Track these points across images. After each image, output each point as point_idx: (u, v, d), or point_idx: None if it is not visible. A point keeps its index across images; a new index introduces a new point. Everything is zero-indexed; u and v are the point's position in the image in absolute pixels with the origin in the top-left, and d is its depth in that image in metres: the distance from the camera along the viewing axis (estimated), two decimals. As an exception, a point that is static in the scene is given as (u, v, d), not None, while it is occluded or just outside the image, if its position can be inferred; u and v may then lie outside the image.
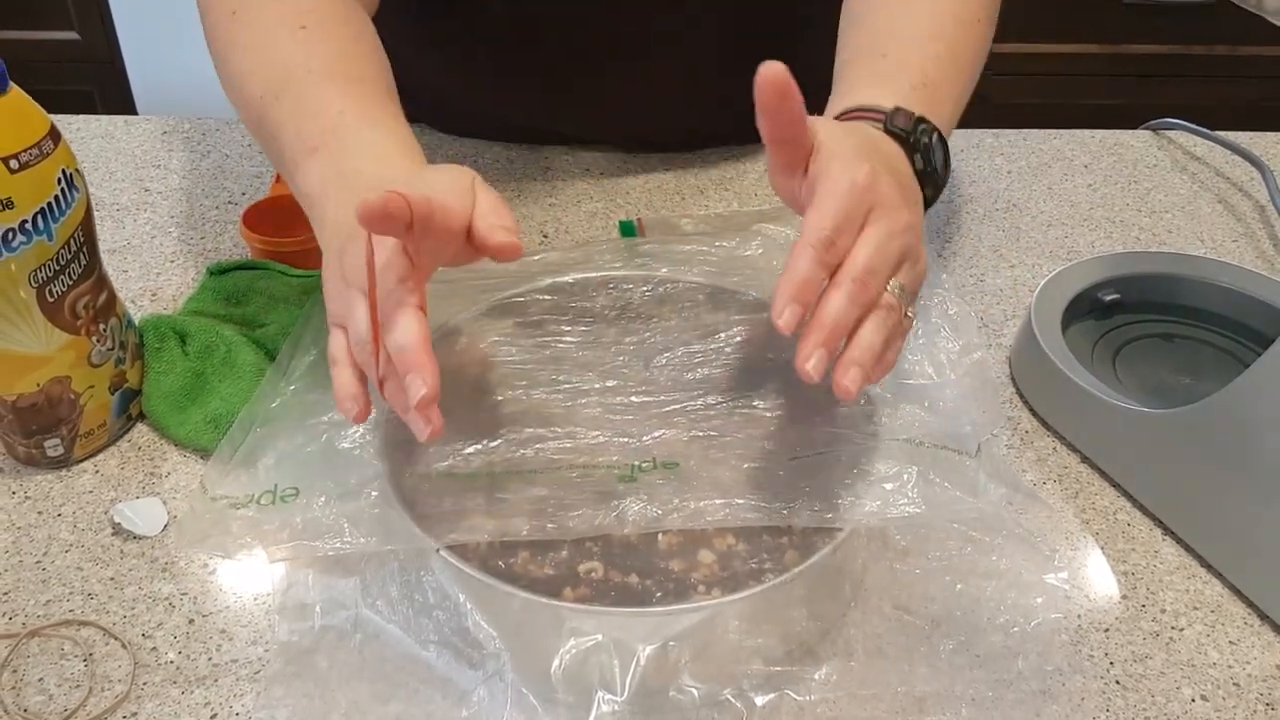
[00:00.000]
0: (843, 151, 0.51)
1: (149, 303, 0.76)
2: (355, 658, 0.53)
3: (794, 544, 0.52)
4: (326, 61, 0.61)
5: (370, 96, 0.60)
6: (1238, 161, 0.95)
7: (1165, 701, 0.53)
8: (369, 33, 0.66)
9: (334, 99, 0.59)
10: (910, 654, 0.55)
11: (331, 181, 0.56)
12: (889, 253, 0.50)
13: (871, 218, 0.50)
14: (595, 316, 0.65)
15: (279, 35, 0.62)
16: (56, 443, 0.62)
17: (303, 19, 0.62)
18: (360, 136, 0.57)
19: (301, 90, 0.60)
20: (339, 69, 0.61)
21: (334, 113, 0.58)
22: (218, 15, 0.65)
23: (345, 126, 0.57)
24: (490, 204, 0.51)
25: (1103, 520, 0.62)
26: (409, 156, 0.57)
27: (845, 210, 0.49)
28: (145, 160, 0.91)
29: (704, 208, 0.87)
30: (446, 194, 0.50)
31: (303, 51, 0.61)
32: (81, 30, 1.99)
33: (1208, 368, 0.70)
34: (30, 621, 0.55)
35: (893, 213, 0.51)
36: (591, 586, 0.50)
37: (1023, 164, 0.95)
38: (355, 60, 0.62)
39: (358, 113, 0.58)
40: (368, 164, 0.55)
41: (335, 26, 0.63)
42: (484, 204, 0.51)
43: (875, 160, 0.52)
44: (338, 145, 0.57)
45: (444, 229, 0.49)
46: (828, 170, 0.50)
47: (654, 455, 0.55)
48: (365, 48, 0.64)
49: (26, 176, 0.55)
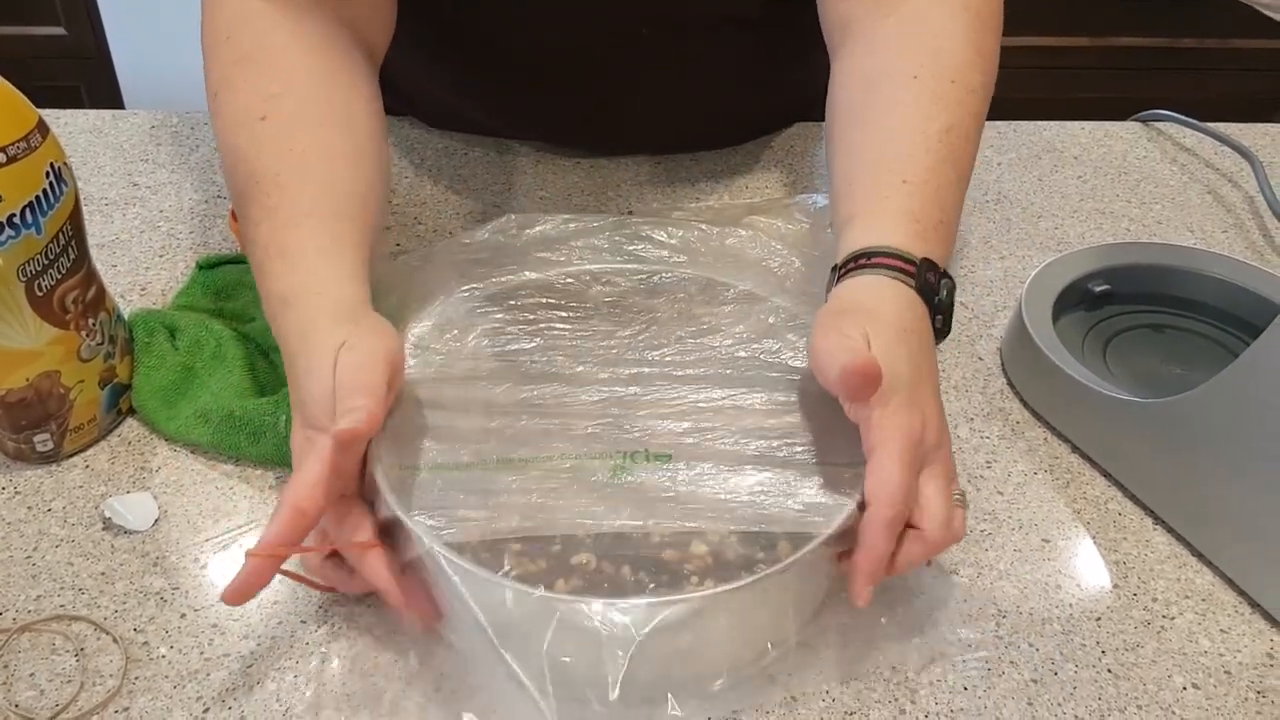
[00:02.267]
0: (896, 402, 0.51)
1: (138, 297, 0.76)
2: (348, 650, 0.53)
3: (786, 535, 0.52)
4: (271, 169, 0.59)
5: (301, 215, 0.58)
6: (1227, 152, 0.95)
7: (1157, 690, 0.53)
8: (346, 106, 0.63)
9: (265, 227, 0.58)
10: (903, 643, 0.55)
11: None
12: (946, 489, 0.52)
13: (926, 467, 0.51)
14: (587, 308, 0.64)
15: (237, 134, 0.60)
16: (46, 438, 0.62)
17: (266, 107, 0.60)
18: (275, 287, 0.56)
19: (246, 207, 0.59)
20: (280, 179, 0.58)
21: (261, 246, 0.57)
22: (207, 92, 0.63)
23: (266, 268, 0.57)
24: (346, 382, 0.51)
25: (1094, 510, 0.63)
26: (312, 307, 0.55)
27: (909, 476, 0.50)
28: (134, 154, 0.91)
29: (695, 201, 0.87)
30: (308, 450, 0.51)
31: (255, 155, 0.59)
32: (68, 25, 1.98)
33: (1198, 358, 0.70)
34: (21, 617, 0.55)
35: (939, 453, 0.52)
36: (584, 578, 0.50)
37: (1013, 156, 0.95)
38: (306, 160, 0.59)
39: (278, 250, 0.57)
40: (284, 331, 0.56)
41: (301, 112, 0.61)
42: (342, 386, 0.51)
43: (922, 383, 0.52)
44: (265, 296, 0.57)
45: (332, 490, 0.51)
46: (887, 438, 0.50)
47: (646, 448, 0.55)
48: (330, 134, 0.61)
49: (14, 170, 0.55)
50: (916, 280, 0.56)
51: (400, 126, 0.95)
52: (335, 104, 0.62)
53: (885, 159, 0.61)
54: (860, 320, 0.53)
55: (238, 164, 0.60)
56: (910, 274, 0.56)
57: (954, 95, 0.62)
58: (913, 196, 0.59)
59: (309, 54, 0.62)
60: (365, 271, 0.58)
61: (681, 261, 0.69)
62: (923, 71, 0.63)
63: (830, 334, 0.53)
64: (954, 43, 0.64)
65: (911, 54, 0.64)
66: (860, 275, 0.56)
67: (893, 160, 0.60)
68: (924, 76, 0.63)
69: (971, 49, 0.64)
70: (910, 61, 0.64)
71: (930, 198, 0.59)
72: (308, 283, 0.56)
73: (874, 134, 0.63)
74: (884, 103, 0.63)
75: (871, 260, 0.56)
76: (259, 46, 0.62)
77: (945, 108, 0.62)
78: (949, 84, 0.62)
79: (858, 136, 0.64)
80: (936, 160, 0.60)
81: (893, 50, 0.65)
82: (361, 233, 0.59)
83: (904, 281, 0.55)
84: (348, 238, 0.58)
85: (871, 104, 0.64)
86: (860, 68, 0.66)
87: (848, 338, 0.52)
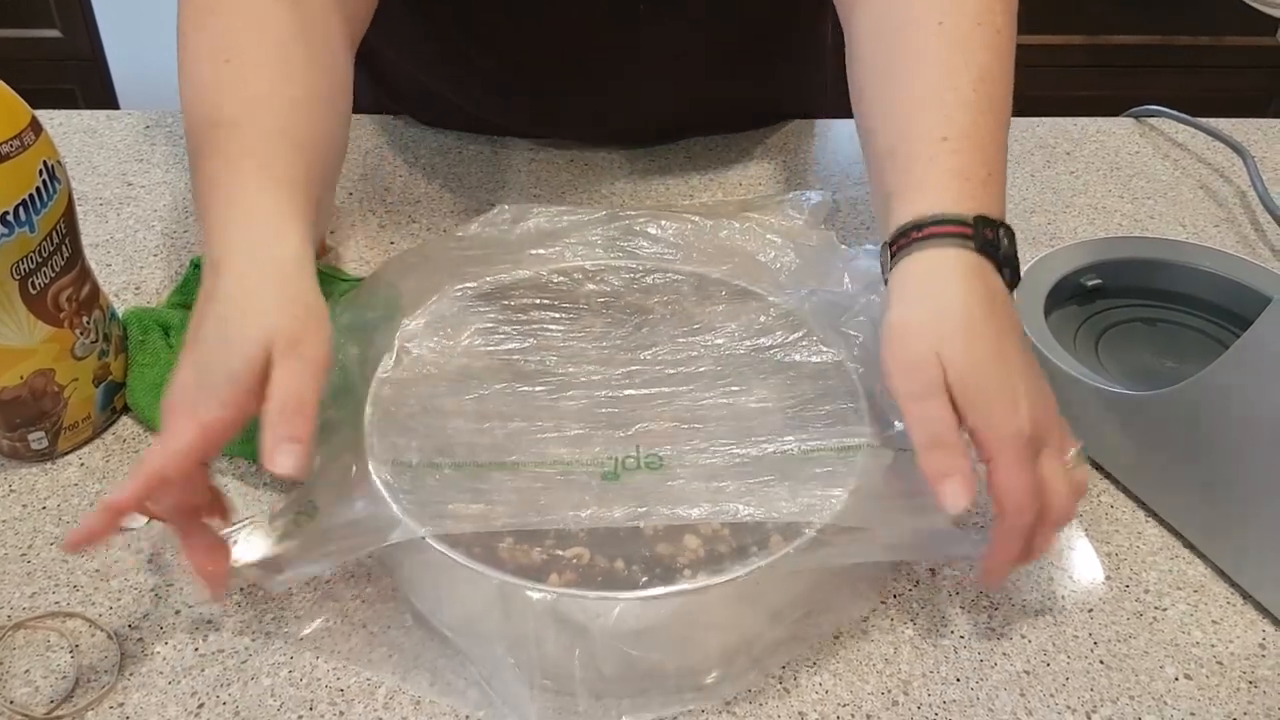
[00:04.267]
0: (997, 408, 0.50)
1: (133, 296, 0.76)
2: (343, 644, 0.53)
3: (779, 528, 0.52)
4: (231, 112, 0.57)
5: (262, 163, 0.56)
6: (1219, 147, 0.96)
7: (1149, 680, 0.54)
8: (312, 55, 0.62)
9: (218, 164, 0.56)
10: (894, 636, 0.55)
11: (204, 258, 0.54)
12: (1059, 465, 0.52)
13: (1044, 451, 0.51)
14: (580, 307, 0.65)
15: (201, 72, 0.59)
16: (41, 436, 0.62)
17: (230, 49, 0.59)
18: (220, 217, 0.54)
19: (199, 146, 0.57)
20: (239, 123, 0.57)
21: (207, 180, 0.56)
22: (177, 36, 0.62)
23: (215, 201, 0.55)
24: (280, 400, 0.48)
25: (1086, 502, 0.63)
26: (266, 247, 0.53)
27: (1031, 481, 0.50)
28: (128, 154, 0.91)
29: (689, 198, 0.87)
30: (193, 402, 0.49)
31: (215, 96, 0.58)
32: (63, 28, 1.98)
33: (1190, 351, 0.70)
34: (16, 614, 0.55)
35: (1051, 433, 0.52)
36: (577, 572, 0.50)
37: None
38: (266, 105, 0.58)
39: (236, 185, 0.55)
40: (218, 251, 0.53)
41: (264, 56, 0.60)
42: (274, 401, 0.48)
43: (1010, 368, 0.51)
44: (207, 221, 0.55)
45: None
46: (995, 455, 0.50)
47: (638, 446, 0.55)
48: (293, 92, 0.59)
49: (8, 168, 0.55)
50: (975, 240, 0.53)
51: (395, 124, 0.95)
52: (300, 55, 0.61)
53: (923, 119, 0.58)
54: (928, 336, 0.51)
55: (197, 102, 0.58)
56: (968, 235, 0.53)
57: (981, 39, 0.60)
58: (956, 154, 0.56)
59: (280, 5, 0.61)
60: (310, 226, 0.56)
61: (675, 257, 0.69)
62: (946, 18, 0.60)
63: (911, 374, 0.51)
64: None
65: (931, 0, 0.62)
66: (915, 252, 0.54)
67: (930, 120, 0.58)
68: (948, 23, 0.60)
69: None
70: (932, 8, 0.61)
71: (974, 153, 0.56)
72: (252, 229, 0.53)
73: (905, 92, 0.60)
74: (911, 57, 0.61)
75: (924, 231, 0.54)
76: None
77: (974, 54, 0.59)
78: (975, 27, 0.60)
79: (888, 97, 0.61)
80: (975, 112, 0.57)
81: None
82: (311, 182, 0.58)
83: (962, 246, 0.53)
84: (300, 188, 0.56)
85: (898, 60, 0.62)
86: (880, 21, 0.64)
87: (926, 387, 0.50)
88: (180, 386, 0.50)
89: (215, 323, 0.51)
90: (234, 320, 0.50)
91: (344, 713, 0.51)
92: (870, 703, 0.52)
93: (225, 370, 0.49)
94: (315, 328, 0.51)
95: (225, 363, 0.49)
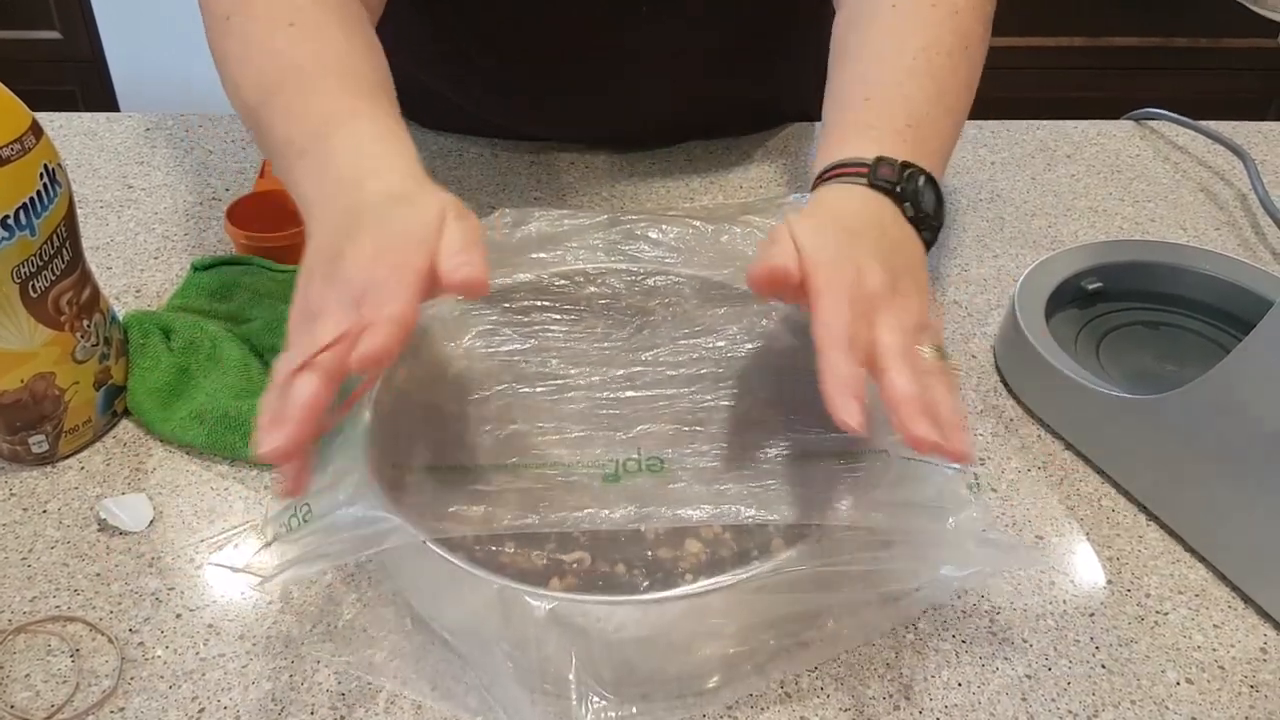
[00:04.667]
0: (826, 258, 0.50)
1: (133, 299, 0.76)
2: (343, 649, 0.53)
3: (780, 533, 0.52)
4: (315, 59, 0.60)
5: (359, 92, 0.58)
6: (1219, 150, 0.96)
7: (1150, 685, 0.54)
8: (362, 28, 0.64)
9: (320, 99, 0.57)
10: (896, 640, 0.55)
11: (317, 191, 0.54)
12: (907, 329, 0.50)
13: (878, 314, 0.50)
14: (583, 309, 0.64)
15: (268, 37, 0.61)
16: (41, 439, 0.62)
17: (291, 16, 0.61)
18: (344, 142, 0.55)
19: (289, 91, 0.58)
20: (327, 66, 0.60)
21: (319, 115, 0.57)
22: (212, 21, 0.64)
23: (330, 130, 0.56)
24: (458, 240, 0.49)
25: (1087, 506, 0.63)
26: (394, 159, 0.55)
27: (850, 316, 0.49)
28: (128, 157, 0.91)
29: (689, 201, 0.87)
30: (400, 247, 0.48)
31: (290, 50, 0.60)
32: (63, 29, 1.98)
33: (1190, 354, 0.70)
34: (16, 618, 0.55)
35: (893, 300, 0.51)
36: (579, 576, 0.50)
37: (1006, 154, 0.96)
38: (346, 56, 0.61)
39: (346, 111, 0.57)
40: (349, 172, 0.54)
41: (326, 22, 0.62)
42: (450, 241, 0.48)
43: (858, 246, 0.51)
44: (324, 151, 0.55)
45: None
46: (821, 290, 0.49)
47: (640, 448, 0.55)
48: (359, 43, 0.63)
49: (8, 171, 0.55)
50: (869, 178, 0.56)
51: (395, 128, 0.95)
52: (350, 22, 0.63)
53: (853, 86, 0.62)
54: (791, 220, 0.53)
55: (270, 61, 0.60)
56: (862, 174, 0.56)
57: (934, 16, 0.63)
58: (870, 110, 0.60)
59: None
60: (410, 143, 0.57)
61: (676, 260, 0.69)
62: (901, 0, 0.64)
63: (760, 247, 0.53)
64: None
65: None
66: (817, 191, 0.57)
67: (858, 84, 0.62)
68: (902, 4, 0.63)
69: None
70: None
71: (891, 107, 0.59)
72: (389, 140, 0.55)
73: (848, 69, 0.64)
74: (861, 38, 0.65)
75: (826, 175, 0.57)
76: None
77: (922, 29, 0.62)
78: (929, 8, 0.63)
79: (837, 76, 0.65)
80: (904, 75, 0.60)
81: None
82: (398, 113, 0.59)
83: (855, 182, 0.56)
84: (404, 125, 0.58)
85: (850, 42, 0.66)
86: (849, 10, 0.68)
87: (772, 243, 0.52)
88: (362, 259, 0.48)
89: (380, 211, 0.50)
90: (405, 200, 0.50)
91: (345, 717, 0.51)
92: (872, 707, 0.52)
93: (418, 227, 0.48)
94: (472, 215, 0.52)
95: (414, 224, 0.48)
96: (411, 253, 0.47)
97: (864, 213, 0.55)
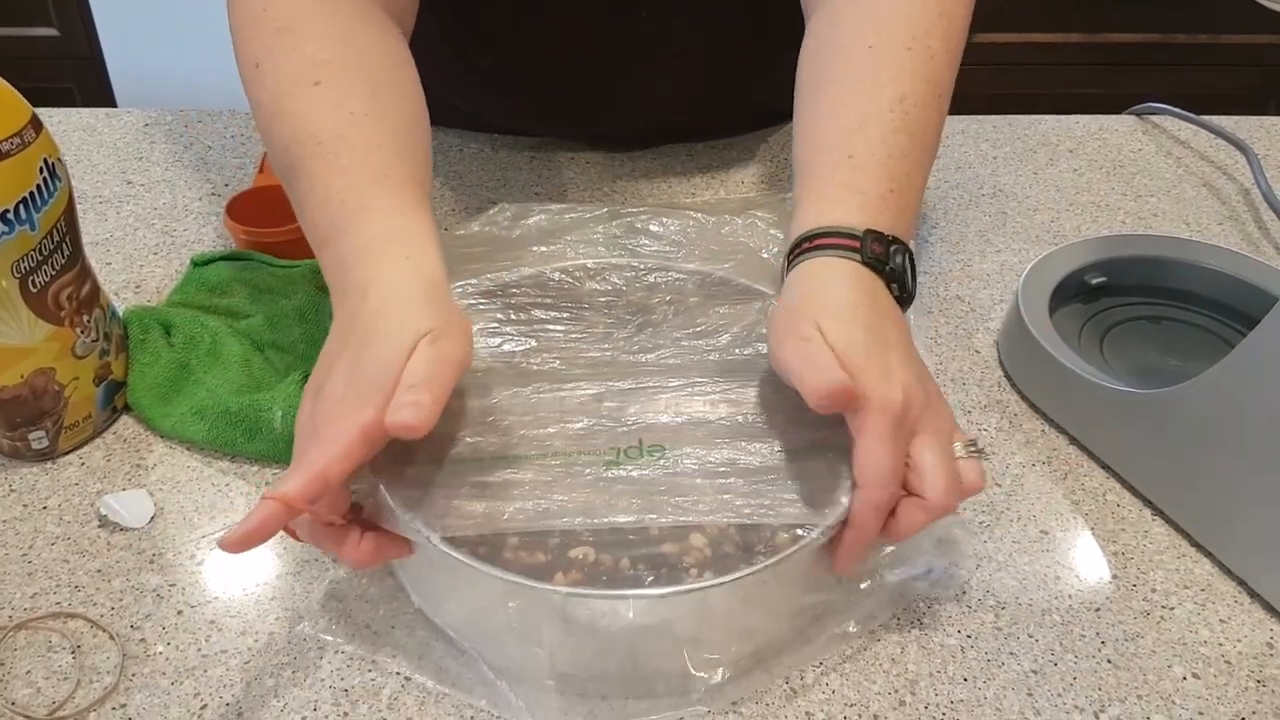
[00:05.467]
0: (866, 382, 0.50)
1: (133, 295, 0.75)
2: (347, 644, 0.53)
3: (785, 528, 0.51)
4: (334, 134, 0.58)
5: (377, 174, 0.57)
6: (1222, 145, 0.95)
7: (1157, 680, 0.53)
8: (391, 75, 0.63)
9: (338, 182, 0.56)
10: (901, 636, 0.55)
11: (336, 283, 0.55)
12: (945, 453, 0.51)
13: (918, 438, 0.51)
14: (582, 306, 0.64)
15: (290, 95, 0.60)
16: (41, 435, 0.62)
17: (318, 73, 0.59)
18: (354, 241, 0.55)
19: (308, 170, 0.58)
20: (346, 139, 0.58)
21: (337, 202, 0.56)
22: (244, 67, 0.62)
23: (346, 221, 0.55)
24: (419, 373, 0.49)
25: (1092, 501, 0.63)
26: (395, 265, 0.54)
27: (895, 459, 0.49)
28: (128, 152, 0.91)
29: (690, 196, 0.87)
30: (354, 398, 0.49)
31: (311, 118, 0.58)
32: (61, 26, 1.98)
33: (1194, 349, 0.70)
34: (17, 615, 0.55)
35: (932, 417, 0.52)
36: (583, 571, 0.50)
37: (1008, 150, 0.95)
38: (367, 125, 0.59)
39: (356, 205, 0.56)
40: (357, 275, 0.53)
41: (351, 80, 0.60)
42: (407, 376, 0.49)
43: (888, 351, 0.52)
44: (339, 245, 0.55)
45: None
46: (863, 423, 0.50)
47: (641, 440, 0.55)
48: (383, 100, 0.60)
49: (8, 165, 0.54)
50: (862, 254, 0.55)
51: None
52: (382, 71, 0.62)
53: (833, 136, 0.61)
54: (811, 315, 0.53)
55: (293, 128, 0.59)
56: (855, 248, 0.55)
57: (909, 63, 0.61)
58: (856, 170, 0.58)
59: (349, 22, 0.62)
60: (434, 229, 0.57)
61: (677, 254, 0.69)
62: (878, 40, 0.62)
63: (788, 340, 0.52)
64: (913, 7, 0.63)
65: (868, 22, 0.63)
66: (807, 260, 0.56)
67: (840, 136, 0.60)
68: (878, 45, 0.62)
69: (933, 12, 0.63)
70: (866, 30, 0.63)
71: (877, 169, 0.58)
72: (391, 243, 0.54)
73: (825, 111, 0.63)
74: (837, 77, 0.63)
75: (815, 242, 0.56)
76: (298, 17, 0.61)
77: (899, 76, 0.61)
78: (905, 51, 0.62)
79: (812, 115, 0.64)
80: (886, 131, 0.59)
81: (850, 18, 0.64)
82: (428, 198, 0.59)
83: (849, 258, 0.55)
84: (423, 203, 0.58)
85: (825, 79, 0.64)
86: (820, 40, 0.66)
87: (805, 341, 0.51)
88: (332, 398, 0.50)
89: (363, 335, 0.51)
90: (382, 330, 0.51)
91: (348, 713, 0.51)
92: (877, 703, 0.52)
93: (379, 371, 0.49)
94: (458, 331, 0.52)
95: (378, 365, 0.49)
96: (364, 403, 0.48)
97: (867, 300, 0.54)
